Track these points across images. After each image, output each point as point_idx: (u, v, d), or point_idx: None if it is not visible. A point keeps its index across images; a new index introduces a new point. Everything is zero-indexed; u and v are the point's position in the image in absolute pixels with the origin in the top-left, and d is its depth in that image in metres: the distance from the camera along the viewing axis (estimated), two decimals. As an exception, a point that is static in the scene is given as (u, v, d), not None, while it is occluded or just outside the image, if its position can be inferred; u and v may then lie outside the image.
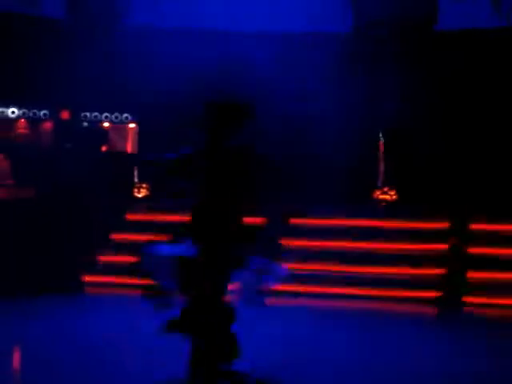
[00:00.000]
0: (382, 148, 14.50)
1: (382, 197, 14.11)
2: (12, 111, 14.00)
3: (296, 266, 12.54)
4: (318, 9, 14.67)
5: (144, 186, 14.42)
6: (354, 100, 14.34)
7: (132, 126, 14.97)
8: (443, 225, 12.83)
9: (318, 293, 12.05)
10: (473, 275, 12.02)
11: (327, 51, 14.20)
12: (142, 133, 14.91)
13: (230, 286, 5.94)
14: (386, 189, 14.18)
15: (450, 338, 9.47)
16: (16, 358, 8.31)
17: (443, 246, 12.57)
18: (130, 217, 13.43)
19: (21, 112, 14.09)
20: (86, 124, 14.65)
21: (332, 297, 11.94)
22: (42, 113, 14.23)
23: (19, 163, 13.86)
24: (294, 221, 13.18)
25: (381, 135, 14.49)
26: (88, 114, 14.58)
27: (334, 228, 12.94)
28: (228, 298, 5.97)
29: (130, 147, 15.12)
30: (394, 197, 14.08)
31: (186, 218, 5.96)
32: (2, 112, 13.96)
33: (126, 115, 14.78)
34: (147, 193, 14.41)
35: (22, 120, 14.34)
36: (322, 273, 12.37)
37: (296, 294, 11.94)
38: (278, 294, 11.90)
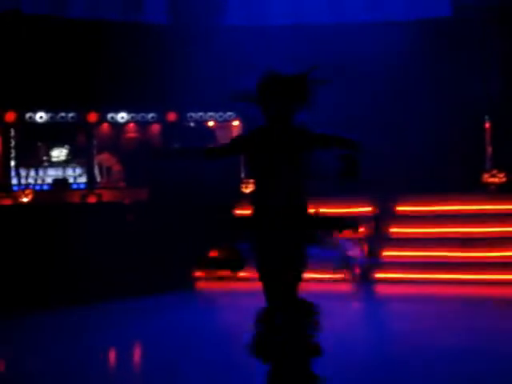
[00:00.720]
0: (488, 130, 14.25)
1: (490, 180, 13.87)
2: (121, 116, 14.50)
3: (404, 253, 12.56)
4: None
5: (251, 181, 14.65)
6: (457, 85, 14.16)
7: (236, 123, 15.24)
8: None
9: (427, 279, 12.01)
10: None
11: (427, 36, 14.08)
12: (245, 129, 15.15)
13: None
14: (494, 171, 13.93)
15: None
16: (137, 356, 8.53)
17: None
18: (238, 212, 13.68)
19: (130, 116, 14.58)
20: (192, 124, 15.01)
21: (443, 283, 11.87)
22: (149, 116, 14.67)
23: (131, 166, 14.36)
24: (401, 208, 13.14)
25: (487, 117, 14.24)
26: (193, 115, 14.93)
27: (443, 213, 12.82)
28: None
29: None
30: (504, 179, 13.82)
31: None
32: (112, 117, 14.47)
33: (229, 113, 15.06)
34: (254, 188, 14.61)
35: (131, 124, 14.84)
36: (432, 259, 12.29)
37: (404, 281, 11.94)
38: (387, 282, 12.03)
